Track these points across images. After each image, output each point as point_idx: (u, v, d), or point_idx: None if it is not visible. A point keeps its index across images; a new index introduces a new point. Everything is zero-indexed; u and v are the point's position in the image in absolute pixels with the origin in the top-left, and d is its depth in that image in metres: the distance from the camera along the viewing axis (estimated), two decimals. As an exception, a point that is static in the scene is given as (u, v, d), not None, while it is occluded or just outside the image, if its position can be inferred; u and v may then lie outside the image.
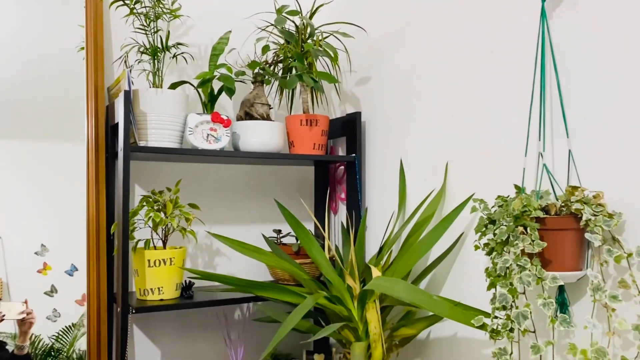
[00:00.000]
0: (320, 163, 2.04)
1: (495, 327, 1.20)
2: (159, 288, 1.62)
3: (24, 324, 2.13)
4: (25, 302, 2.14)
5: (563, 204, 1.15)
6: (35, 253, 3.77)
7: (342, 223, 1.99)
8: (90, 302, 1.63)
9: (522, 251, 1.14)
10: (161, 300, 1.62)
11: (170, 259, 1.63)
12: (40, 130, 3.67)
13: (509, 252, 1.15)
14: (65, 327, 3.43)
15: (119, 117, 1.56)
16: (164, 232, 1.69)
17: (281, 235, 1.95)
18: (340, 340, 1.57)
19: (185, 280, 1.73)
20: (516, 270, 1.13)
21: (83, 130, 1.75)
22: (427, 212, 1.56)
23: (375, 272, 1.44)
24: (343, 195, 2.03)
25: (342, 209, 2.05)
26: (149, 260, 1.60)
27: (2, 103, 3.45)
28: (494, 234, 1.19)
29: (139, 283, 1.64)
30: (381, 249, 1.67)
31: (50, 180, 3.36)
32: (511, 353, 1.19)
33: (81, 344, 3.90)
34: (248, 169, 2.05)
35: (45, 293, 3.78)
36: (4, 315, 2.07)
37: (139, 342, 1.84)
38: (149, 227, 1.66)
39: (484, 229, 1.23)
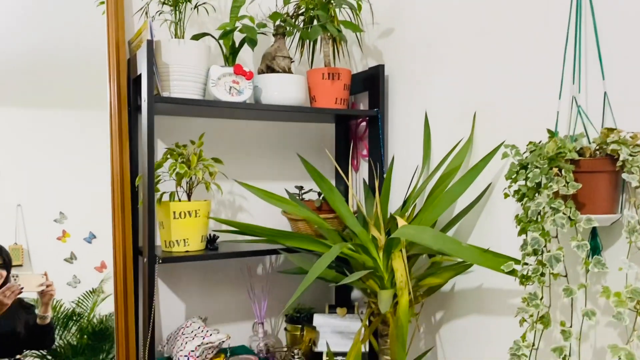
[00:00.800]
0: (342, 119, 2.02)
1: (525, 273, 1.20)
2: (184, 240, 1.63)
3: (45, 295, 2.15)
4: (45, 274, 2.16)
5: (598, 147, 1.13)
6: (55, 221, 3.82)
7: (364, 180, 1.98)
8: (116, 256, 1.65)
9: (556, 194, 1.12)
10: (187, 252, 1.63)
11: (195, 211, 1.63)
12: (59, 96, 3.67)
13: (541, 195, 1.13)
14: (86, 292, 3.50)
15: (142, 69, 1.55)
16: (188, 185, 1.69)
17: (303, 191, 1.95)
18: (365, 290, 1.57)
19: (210, 234, 1.74)
20: (549, 213, 1.12)
21: (104, 93, 1.72)
22: (453, 164, 1.54)
23: (401, 222, 1.44)
24: (365, 152, 2.01)
25: (364, 167, 2.04)
26: (174, 212, 1.61)
27: (21, 69, 3.44)
28: (526, 179, 1.17)
29: (164, 235, 1.65)
30: (405, 202, 1.66)
31: (69, 147, 3.37)
32: (541, 298, 1.18)
33: (101, 309, 3.97)
34: (269, 126, 2.04)
35: (65, 260, 3.83)
36: (22, 288, 2.10)
37: (165, 296, 1.87)
38: (173, 179, 1.66)
39: (515, 175, 1.21)
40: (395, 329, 1.39)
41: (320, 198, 1.90)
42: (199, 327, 1.70)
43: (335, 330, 1.91)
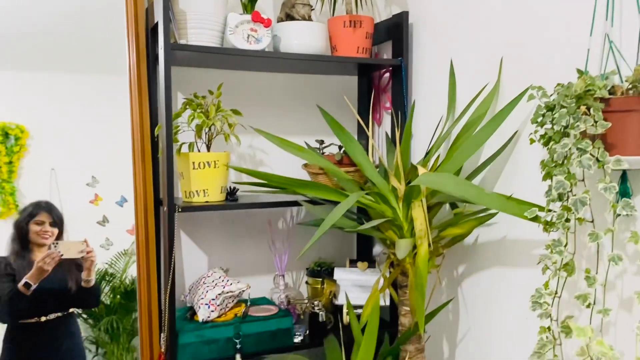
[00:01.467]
0: (364, 70, 1.97)
1: (549, 219, 1.15)
2: (204, 190, 1.63)
3: (86, 261, 2.19)
4: (85, 241, 2.15)
5: (631, 85, 1.06)
6: (87, 184, 3.91)
7: (386, 133, 1.94)
8: (137, 206, 1.66)
9: (583, 134, 1.07)
10: (206, 202, 1.63)
11: (214, 161, 1.62)
12: (85, 62, 3.68)
13: (568, 137, 1.08)
14: (118, 253, 3.59)
15: (158, 16, 1.52)
16: (207, 136, 1.68)
17: (324, 145, 1.92)
18: (384, 241, 1.55)
19: (230, 186, 1.73)
20: (576, 154, 1.06)
21: (124, 58, 1.70)
22: (479, 110, 1.48)
23: (422, 171, 1.40)
24: (388, 105, 1.96)
25: (387, 121, 1.99)
26: (193, 163, 1.60)
27: (45, 33, 3.45)
28: (552, 121, 1.12)
29: (184, 186, 1.65)
30: (427, 153, 1.62)
31: (99, 113, 3.41)
32: (565, 244, 1.14)
33: (133, 271, 4.06)
34: (289, 79, 2.00)
35: (98, 223, 3.94)
36: (62, 255, 2.11)
37: (187, 249, 1.89)
38: (192, 130, 1.65)
39: (542, 117, 1.16)
40: (414, 278, 1.37)
41: (341, 152, 1.87)
42: (219, 277, 1.72)
43: (355, 284, 1.90)
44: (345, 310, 1.84)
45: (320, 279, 1.92)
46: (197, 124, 1.63)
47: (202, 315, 1.62)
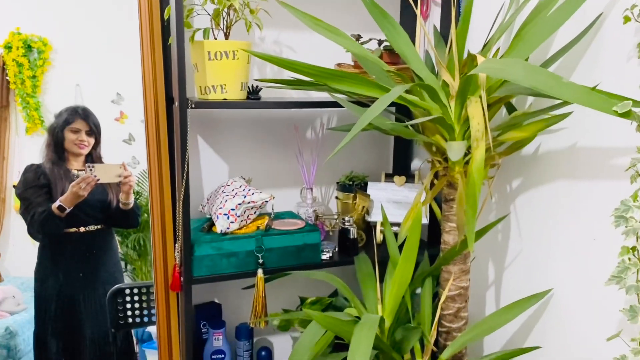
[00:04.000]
0: (411, -48, 1.66)
1: (648, 113, 0.91)
2: (221, 86, 1.41)
3: (124, 185, 2.08)
4: (123, 164, 2.02)
5: None
6: (112, 102, 3.75)
7: (434, 26, 1.66)
8: (147, 103, 1.45)
9: None
10: (224, 99, 1.42)
11: (233, 51, 1.40)
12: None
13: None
14: (143, 171, 3.46)
15: None
16: (225, 23, 1.44)
17: (362, 40, 1.66)
18: (430, 146, 1.33)
19: (252, 85, 1.51)
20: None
21: None
22: (553, -11, 1.19)
23: (481, 59, 1.15)
24: (437, -7, 1.67)
25: (435, 12, 1.71)
26: (209, 53, 1.38)
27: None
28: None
29: (199, 80, 1.44)
30: (485, 46, 1.35)
31: (123, 27, 3.18)
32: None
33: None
34: (322, -39, 1.72)
35: (124, 141, 3.81)
36: (98, 179, 1.98)
37: (205, 155, 1.70)
38: (207, 14, 1.42)
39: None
40: (465, 188, 1.16)
41: (381, 47, 1.62)
42: (240, 186, 1.54)
43: (391, 200, 1.71)
44: (379, 227, 1.66)
45: (352, 194, 1.73)
46: (215, 7, 1.39)
47: (220, 226, 1.46)
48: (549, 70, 1.26)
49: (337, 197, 1.80)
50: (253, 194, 1.49)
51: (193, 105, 1.33)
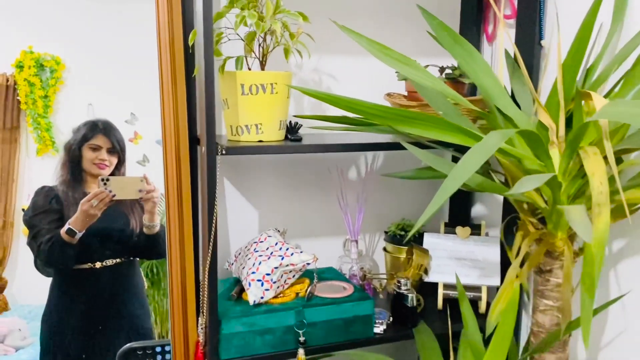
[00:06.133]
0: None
1: None
2: (256, 125, 1.16)
3: (147, 202, 1.70)
4: (145, 177, 1.66)
5: None
6: (126, 122, 3.56)
7: (505, 51, 1.40)
8: (166, 143, 1.19)
9: None
10: (260, 141, 1.17)
11: (272, 84, 1.14)
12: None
13: None
14: (160, 195, 3.25)
15: None
16: (261, 49, 1.19)
17: (425, 65, 1.40)
18: (520, 204, 1.06)
19: (291, 121, 1.26)
20: None
21: None
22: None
23: (598, 98, 0.88)
24: (509, 12, 1.42)
25: (503, 36, 1.45)
26: (242, 86, 1.13)
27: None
28: None
29: (229, 118, 1.19)
30: (586, 75, 1.08)
31: (139, 44, 3.01)
32: None
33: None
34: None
35: (138, 162, 3.60)
36: (114, 195, 1.63)
37: (233, 203, 1.45)
38: (241, 39, 1.17)
39: None
40: (582, 264, 0.88)
41: (443, 76, 1.36)
42: (276, 244, 1.28)
43: (454, 256, 1.44)
44: (441, 289, 1.39)
45: (404, 247, 1.46)
46: (249, 31, 1.15)
47: (253, 295, 1.19)
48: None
49: (385, 249, 1.53)
50: (292, 254, 1.23)
51: (224, 152, 1.07)
